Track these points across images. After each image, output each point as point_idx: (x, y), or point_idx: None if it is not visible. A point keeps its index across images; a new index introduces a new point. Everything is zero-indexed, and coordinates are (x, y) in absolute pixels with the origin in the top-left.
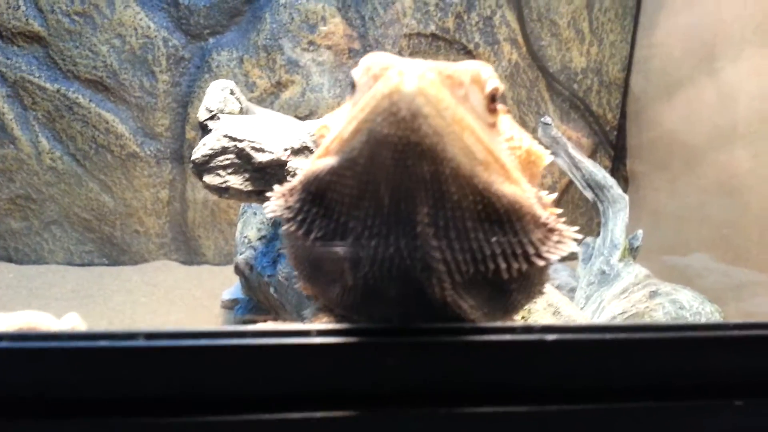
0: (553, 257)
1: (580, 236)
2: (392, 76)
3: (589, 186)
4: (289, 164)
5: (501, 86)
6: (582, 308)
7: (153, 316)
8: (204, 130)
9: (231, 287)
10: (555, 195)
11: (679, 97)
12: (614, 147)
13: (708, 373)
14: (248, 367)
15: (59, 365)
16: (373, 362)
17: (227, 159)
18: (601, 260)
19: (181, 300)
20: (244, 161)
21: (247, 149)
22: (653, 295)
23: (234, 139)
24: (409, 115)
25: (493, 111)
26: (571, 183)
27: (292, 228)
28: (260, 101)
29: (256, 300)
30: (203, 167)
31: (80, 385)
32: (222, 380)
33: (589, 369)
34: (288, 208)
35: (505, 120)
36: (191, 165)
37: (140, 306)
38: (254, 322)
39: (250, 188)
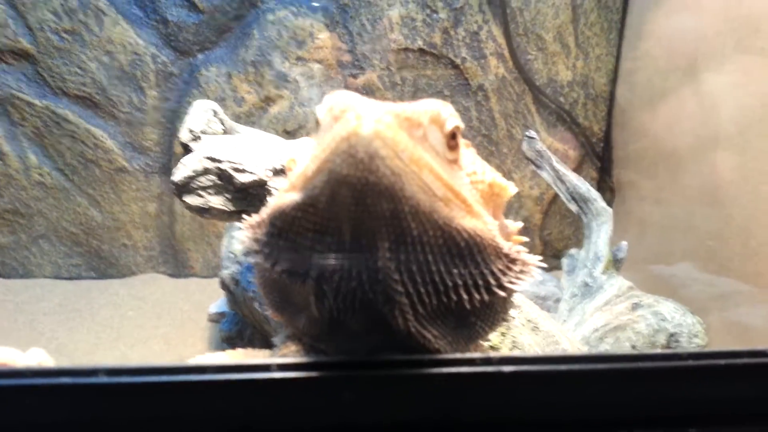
0: (515, 287)
1: (543, 265)
2: (350, 119)
3: (574, 199)
4: (269, 184)
5: (461, 124)
6: (565, 320)
7: (140, 330)
8: (186, 150)
9: (218, 300)
10: (520, 224)
11: (663, 107)
12: (601, 158)
13: (664, 403)
14: (209, 402)
15: (21, 403)
16: (331, 397)
17: (208, 180)
18: (584, 272)
19: (168, 313)
20: (225, 182)
21: (229, 170)
22: (635, 307)
23: (215, 160)
24: (366, 157)
25: (453, 148)
26: (557, 195)
27: (260, 260)
28: (249, 116)
29: (241, 314)
30: (184, 188)
31: (42, 422)
32: (185, 416)
33: (547, 400)
34: (256, 240)
35: (468, 155)
36: (172, 186)
37: (127, 320)
38: (233, 347)
39: (231, 208)
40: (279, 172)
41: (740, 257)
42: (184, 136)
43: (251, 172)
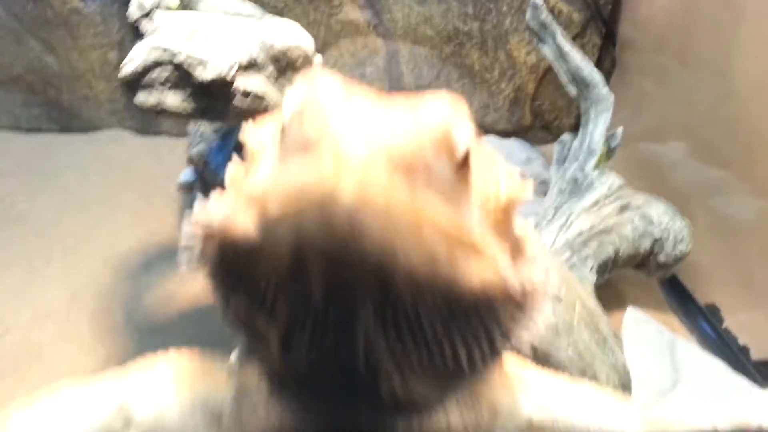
0: (523, 336)
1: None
2: (326, 162)
3: (574, 80)
4: (235, 84)
5: (473, 138)
6: (550, 220)
7: (106, 199)
8: (136, 31)
9: (188, 168)
10: (530, 223)
11: None
12: (606, 24)
13: None
14: None
15: None
16: None
17: (163, 74)
18: (575, 166)
19: (135, 178)
20: (182, 77)
21: (186, 64)
22: (623, 209)
23: (169, 51)
24: (348, 229)
25: (463, 167)
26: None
27: (209, 286)
28: None
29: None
30: (134, 85)
31: None
32: None
33: None
34: (203, 257)
35: (479, 160)
36: (119, 82)
37: (92, 185)
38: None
39: (192, 106)
40: (246, 67)
41: (741, 155)
42: (132, 12)
43: (213, 66)
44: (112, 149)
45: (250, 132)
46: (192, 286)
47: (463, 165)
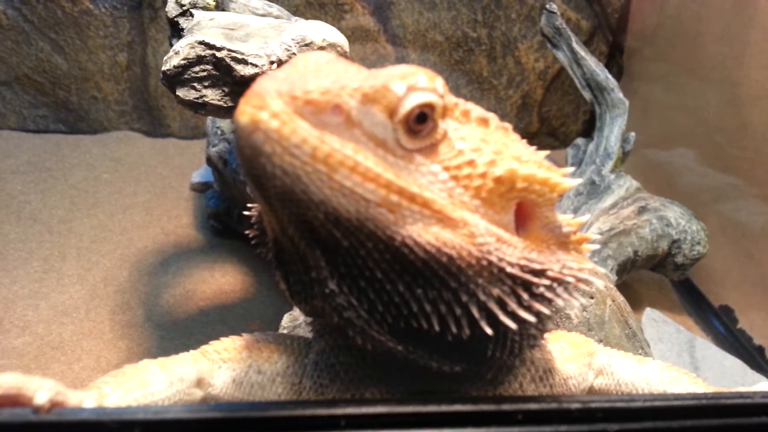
0: (523, 315)
1: (582, 301)
2: (240, 104)
3: (589, 86)
4: None
5: (434, 99)
6: None
7: (118, 197)
8: (174, 27)
9: (200, 168)
10: (582, 219)
11: None
12: (614, 32)
13: None
14: None
15: None
16: None
17: (203, 70)
18: (592, 169)
19: (146, 178)
20: (223, 73)
21: (227, 60)
22: (642, 210)
23: (211, 47)
24: (250, 152)
25: (418, 133)
26: (562, 69)
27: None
28: None
29: (230, 195)
30: (176, 79)
31: None
32: None
33: None
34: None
35: (471, 135)
36: (161, 76)
37: (103, 184)
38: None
39: (230, 104)
40: (283, 63)
41: (750, 161)
42: (171, 9)
43: (253, 64)
44: (122, 150)
45: None
46: (209, 285)
47: (416, 124)
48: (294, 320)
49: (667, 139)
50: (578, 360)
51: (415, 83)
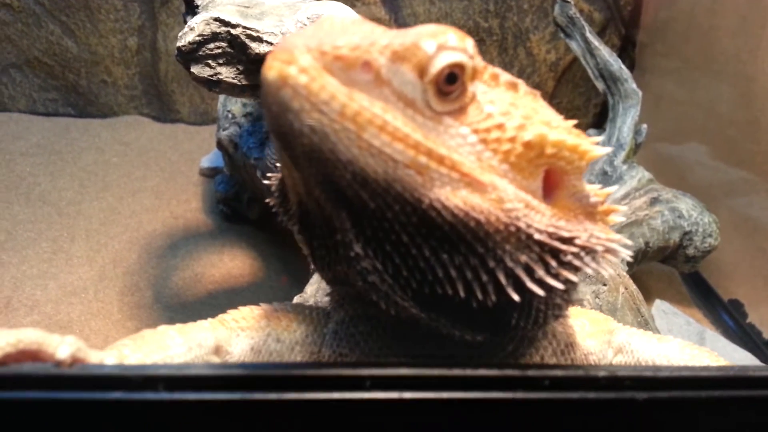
0: (551, 282)
1: (627, 254)
2: (267, 60)
3: (602, 76)
4: None
5: (464, 60)
6: None
7: (127, 180)
8: (189, 5)
9: (210, 153)
10: (610, 189)
11: None
12: (626, 24)
13: None
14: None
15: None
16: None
17: (218, 47)
18: (604, 160)
19: (156, 162)
20: (237, 51)
21: (242, 37)
22: (654, 201)
23: (226, 24)
24: (277, 109)
25: (448, 95)
26: (573, 61)
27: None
28: None
29: (240, 179)
30: (190, 56)
31: None
32: None
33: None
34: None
35: (500, 99)
36: (176, 53)
37: (112, 167)
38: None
39: (244, 82)
40: None
41: (763, 155)
42: None
43: (268, 42)
44: (131, 134)
45: None
46: (218, 269)
47: (446, 85)
48: (304, 302)
49: (678, 133)
50: (599, 337)
51: (445, 42)
